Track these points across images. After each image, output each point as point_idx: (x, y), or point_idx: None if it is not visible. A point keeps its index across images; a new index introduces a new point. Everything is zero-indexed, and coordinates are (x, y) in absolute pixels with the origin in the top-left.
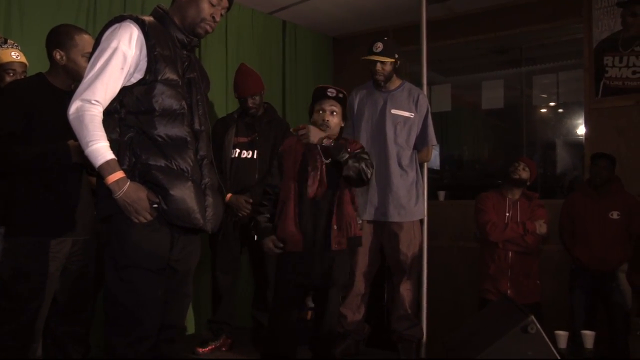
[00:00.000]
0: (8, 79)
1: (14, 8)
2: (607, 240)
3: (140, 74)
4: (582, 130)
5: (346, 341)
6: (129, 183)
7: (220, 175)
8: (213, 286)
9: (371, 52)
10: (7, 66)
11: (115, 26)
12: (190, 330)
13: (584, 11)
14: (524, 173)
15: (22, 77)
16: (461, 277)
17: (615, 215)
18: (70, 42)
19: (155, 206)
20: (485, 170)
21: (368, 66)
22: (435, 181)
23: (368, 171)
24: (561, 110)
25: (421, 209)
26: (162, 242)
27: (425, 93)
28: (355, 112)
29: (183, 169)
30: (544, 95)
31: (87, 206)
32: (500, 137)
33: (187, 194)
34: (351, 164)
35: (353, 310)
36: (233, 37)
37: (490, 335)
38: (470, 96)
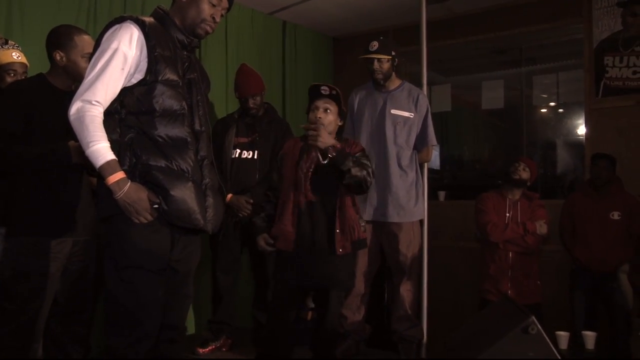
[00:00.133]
0: (9, 80)
1: (15, 8)
2: (608, 240)
3: (140, 75)
4: (583, 130)
5: (347, 341)
6: (130, 183)
7: (220, 175)
8: (213, 286)
9: (367, 52)
10: (8, 67)
11: (115, 27)
12: (190, 330)
13: (584, 11)
14: (524, 173)
15: (23, 78)
16: (461, 278)
17: (616, 215)
18: (70, 43)
19: (155, 207)
20: (485, 170)
21: (367, 67)
22: (435, 181)
23: (369, 180)
24: (561, 110)
25: (421, 210)
26: (163, 243)
27: (425, 93)
28: (355, 113)
29: (183, 170)
30: (544, 95)
31: (88, 207)
32: (500, 138)
33: (188, 195)
34: (353, 173)
35: (353, 310)
36: (233, 38)
37: (491, 335)
38: (470, 96)
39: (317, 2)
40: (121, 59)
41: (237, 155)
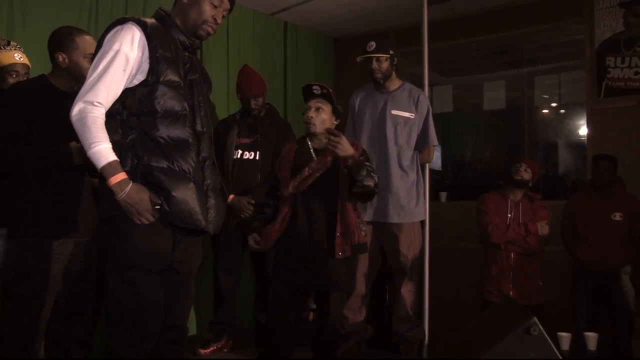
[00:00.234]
0: (11, 81)
1: (17, 9)
2: (610, 241)
3: (142, 76)
4: (584, 131)
5: (348, 342)
6: (131, 184)
7: (222, 176)
8: (215, 287)
9: (365, 52)
10: (10, 68)
11: (117, 28)
12: (192, 331)
13: (586, 12)
14: (526, 174)
15: (25, 79)
16: (463, 279)
17: (617, 216)
18: (72, 44)
19: (157, 207)
20: (487, 171)
21: (367, 67)
22: (436, 182)
23: (376, 190)
24: (563, 111)
25: (421, 210)
26: (164, 244)
27: (426, 94)
28: (356, 113)
29: (185, 171)
30: (546, 96)
31: (89, 207)
32: (502, 138)
33: (189, 196)
34: (365, 183)
35: (354, 311)
36: (234, 39)
37: (492, 336)
38: (471, 97)
39: (319, 3)
40: (123, 60)
41: (239, 156)
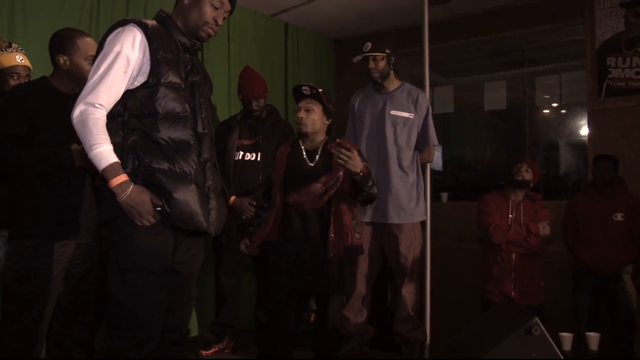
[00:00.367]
0: (12, 83)
1: (18, 11)
2: (611, 241)
3: (143, 77)
4: (585, 131)
5: (349, 343)
6: (133, 186)
7: (223, 177)
8: (217, 289)
9: (362, 53)
10: (11, 70)
11: (118, 30)
12: (193, 332)
13: (586, 12)
14: (527, 174)
15: (26, 81)
16: (464, 279)
17: (619, 217)
18: (72, 47)
19: (158, 209)
20: (487, 171)
21: (365, 68)
22: (437, 182)
23: (376, 196)
24: (564, 111)
25: (422, 211)
26: (166, 245)
27: (426, 94)
28: (356, 115)
29: (186, 172)
30: (547, 96)
31: (90, 209)
32: (502, 139)
33: (191, 197)
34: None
35: (355, 312)
36: (235, 40)
37: (494, 337)
38: (472, 97)
39: (319, 4)
40: (124, 62)
41: (240, 157)
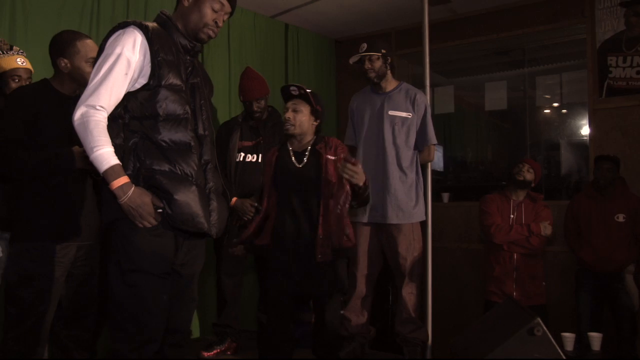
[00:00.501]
0: (13, 85)
1: (18, 13)
2: (613, 241)
3: (144, 79)
4: (586, 131)
5: (351, 344)
6: (134, 188)
7: (225, 179)
8: (218, 290)
9: (357, 54)
10: (13, 72)
11: (119, 32)
12: (195, 334)
13: (587, 11)
14: (529, 174)
15: (28, 83)
16: (465, 279)
17: (621, 218)
18: (72, 50)
19: (159, 211)
20: (489, 171)
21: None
22: (439, 183)
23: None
24: (565, 111)
25: (421, 211)
26: (167, 247)
27: (425, 93)
28: (355, 117)
29: (187, 174)
30: (548, 96)
31: (92, 211)
32: (503, 139)
33: (192, 199)
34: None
35: (356, 313)
36: (236, 41)
37: (496, 337)
38: (473, 98)
39: (320, 5)
40: (125, 64)
41: (242, 158)
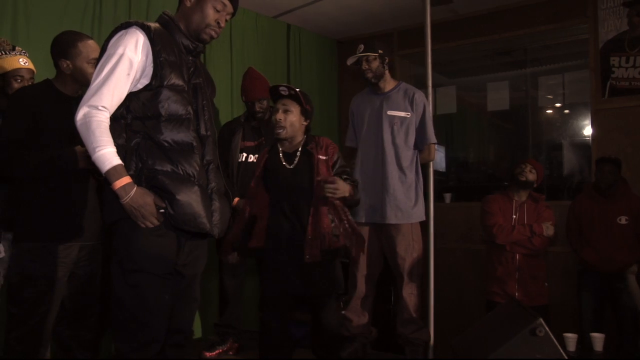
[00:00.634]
0: (16, 86)
1: (20, 14)
2: (615, 241)
3: (146, 80)
4: (589, 131)
5: (353, 344)
6: (136, 188)
7: (227, 179)
8: (220, 290)
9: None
10: (15, 73)
11: (121, 33)
12: (197, 334)
13: (589, 11)
14: (531, 175)
15: (30, 84)
16: (467, 279)
17: (623, 220)
18: (74, 51)
19: (161, 211)
20: (491, 172)
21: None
22: (441, 183)
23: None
24: (567, 111)
25: (420, 212)
26: (169, 247)
27: (427, 94)
28: (355, 118)
29: (189, 174)
30: (550, 96)
31: (94, 212)
32: (506, 139)
33: (194, 199)
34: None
35: (357, 313)
36: (238, 41)
37: (498, 337)
38: (475, 98)
39: (322, 6)
40: (127, 65)
41: (244, 159)
